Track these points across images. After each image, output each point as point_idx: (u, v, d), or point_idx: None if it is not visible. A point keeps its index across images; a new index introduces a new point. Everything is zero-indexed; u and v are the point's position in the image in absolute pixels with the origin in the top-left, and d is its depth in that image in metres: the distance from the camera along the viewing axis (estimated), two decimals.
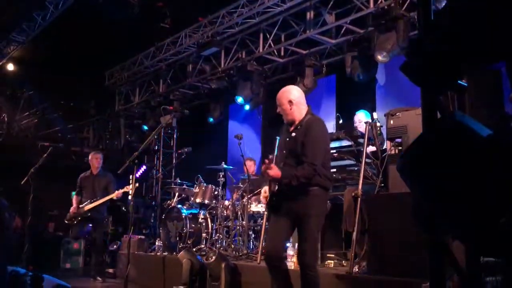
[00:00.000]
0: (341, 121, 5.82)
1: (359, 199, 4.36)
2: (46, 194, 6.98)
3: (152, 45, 9.64)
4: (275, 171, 3.45)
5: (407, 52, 1.80)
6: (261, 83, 8.47)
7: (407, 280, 3.66)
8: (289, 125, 3.78)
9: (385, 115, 4.63)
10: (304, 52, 7.83)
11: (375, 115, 4.96)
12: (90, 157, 7.32)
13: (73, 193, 7.73)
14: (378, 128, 4.78)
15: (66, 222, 7.12)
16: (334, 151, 5.14)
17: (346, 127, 5.46)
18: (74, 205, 7.06)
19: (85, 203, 6.96)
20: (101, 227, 7.23)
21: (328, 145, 3.77)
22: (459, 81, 1.66)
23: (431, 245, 2.26)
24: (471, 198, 1.26)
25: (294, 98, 3.71)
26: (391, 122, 4.43)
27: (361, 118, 5.57)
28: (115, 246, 8.11)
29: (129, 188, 6.80)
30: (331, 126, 7.65)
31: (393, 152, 4.43)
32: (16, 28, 8.59)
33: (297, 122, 3.69)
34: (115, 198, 6.86)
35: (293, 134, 3.66)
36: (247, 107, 8.84)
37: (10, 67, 9.90)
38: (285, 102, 3.73)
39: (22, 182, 6.65)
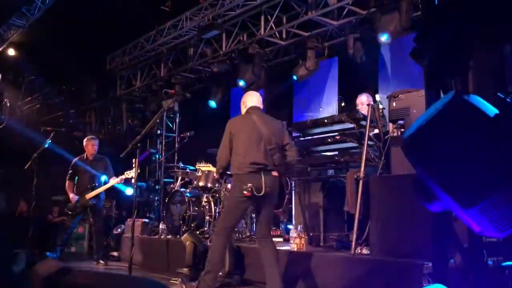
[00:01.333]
0: (343, 104, 5.80)
1: (361, 181, 4.37)
2: (49, 179, 6.99)
3: (152, 29, 9.57)
4: None
5: (416, 38, 1.77)
6: (263, 66, 8.41)
7: (410, 261, 3.69)
8: None
9: (387, 97, 4.61)
10: (306, 34, 7.76)
11: (377, 97, 4.94)
12: (85, 142, 7.06)
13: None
14: (381, 110, 4.76)
15: (69, 212, 6.86)
16: (337, 133, 5.15)
17: (348, 110, 5.45)
18: (71, 193, 6.79)
19: (84, 190, 6.76)
20: (101, 213, 7.05)
21: (243, 133, 4.30)
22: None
23: (434, 225, 2.27)
24: (474, 175, 1.26)
25: (243, 101, 4.59)
26: (394, 104, 4.42)
27: (363, 101, 5.54)
28: (119, 230, 8.17)
29: (129, 174, 6.76)
30: (333, 109, 7.64)
31: (395, 134, 4.43)
32: (16, 12, 8.52)
33: None
34: (116, 184, 6.76)
35: None
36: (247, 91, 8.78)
37: (11, 52, 9.85)
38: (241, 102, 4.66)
39: (25, 167, 6.68)
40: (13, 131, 9.65)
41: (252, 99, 4.55)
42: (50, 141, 6.55)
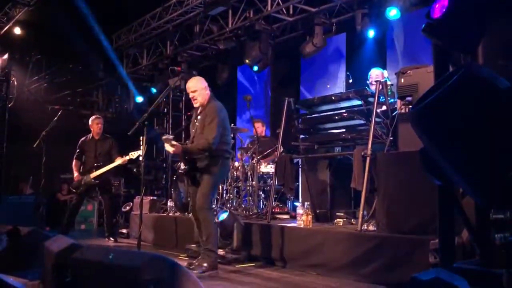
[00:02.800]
0: (350, 81, 5.75)
1: (368, 158, 4.36)
2: (57, 157, 7.04)
3: (158, 6, 9.47)
4: (177, 148, 4.46)
5: (429, 14, 1.74)
6: (270, 43, 8.32)
7: (416, 237, 3.70)
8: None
9: (396, 74, 4.56)
10: (313, 10, 7.64)
11: (385, 73, 4.88)
12: (90, 121, 7.08)
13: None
14: (389, 87, 4.71)
15: (73, 190, 6.88)
16: (344, 110, 5.12)
17: (356, 87, 5.39)
18: (76, 172, 6.80)
19: (89, 169, 6.76)
20: (108, 192, 7.08)
21: (227, 119, 4.86)
22: None
23: (441, 202, 2.27)
24: (482, 149, 1.25)
25: (206, 86, 4.89)
26: (402, 80, 4.37)
27: (378, 74, 5.43)
28: (127, 207, 8.27)
29: (134, 155, 6.77)
30: (341, 86, 7.59)
31: (403, 110, 4.39)
32: None
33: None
34: (121, 163, 6.78)
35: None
36: (255, 68, 8.70)
37: (17, 30, 9.82)
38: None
39: (34, 145, 6.73)
40: (20, 110, 9.69)
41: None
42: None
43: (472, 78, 1.31)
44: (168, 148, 4.47)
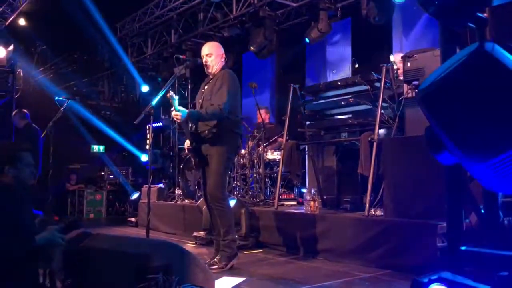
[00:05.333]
0: (356, 66, 5.71)
1: (375, 143, 4.35)
2: (65, 147, 7.07)
3: None
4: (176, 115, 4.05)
5: None
6: (274, 29, 8.26)
7: (423, 221, 3.70)
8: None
9: (402, 58, 4.53)
10: None
11: (391, 57, 4.84)
12: None
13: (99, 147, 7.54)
14: (395, 71, 4.68)
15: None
16: (350, 96, 5.09)
17: (362, 72, 5.36)
18: None
19: None
20: None
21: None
22: (480, 14, 1.58)
23: (449, 185, 2.26)
24: (487, 131, 1.24)
25: (223, 53, 4.34)
26: (408, 64, 4.34)
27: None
28: (135, 196, 8.33)
29: None
30: (347, 71, 7.54)
31: (409, 95, 4.36)
32: None
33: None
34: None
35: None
36: (259, 56, 8.61)
37: (22, 22, 9.81)
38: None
39: (41, 136, 6.76)
40: (26, 101, 9.73)
41: None
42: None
43: (483, 58, 1.29)
44: (174, 113, 4.06)
